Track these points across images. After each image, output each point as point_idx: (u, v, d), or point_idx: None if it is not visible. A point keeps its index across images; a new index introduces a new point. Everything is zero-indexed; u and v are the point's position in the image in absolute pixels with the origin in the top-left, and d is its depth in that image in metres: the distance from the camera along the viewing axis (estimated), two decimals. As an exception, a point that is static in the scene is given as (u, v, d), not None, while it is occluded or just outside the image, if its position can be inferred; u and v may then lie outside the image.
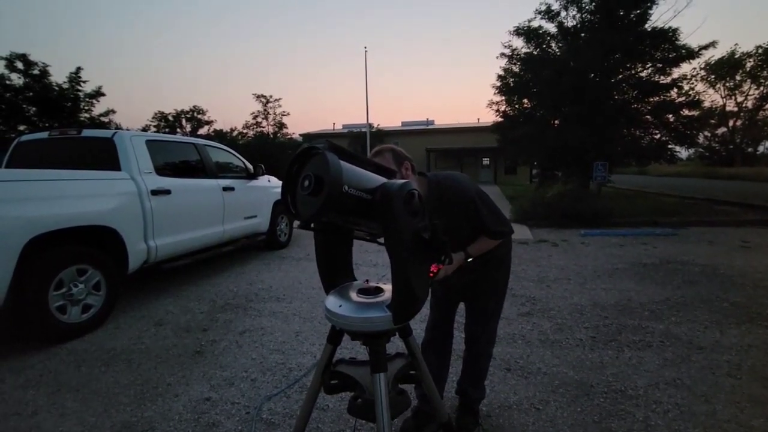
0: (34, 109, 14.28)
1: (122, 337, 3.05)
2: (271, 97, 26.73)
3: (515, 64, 12.49)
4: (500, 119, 13.82)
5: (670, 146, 10.93)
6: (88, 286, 3.13)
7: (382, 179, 1.18)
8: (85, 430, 1.94)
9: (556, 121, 12.25)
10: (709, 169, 27.73)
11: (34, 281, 2.73)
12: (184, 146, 4.63)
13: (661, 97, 10.54)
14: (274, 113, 26.54)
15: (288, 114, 29.00)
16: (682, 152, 12.52)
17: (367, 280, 1.36)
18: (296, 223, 1.15)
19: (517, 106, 13.24)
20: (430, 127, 29.80)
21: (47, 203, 2.84)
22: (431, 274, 1.36)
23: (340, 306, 1.20)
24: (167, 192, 3.89)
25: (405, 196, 1.09)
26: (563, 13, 11.38)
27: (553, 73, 10.46)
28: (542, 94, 11.56)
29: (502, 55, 12.46)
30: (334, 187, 0.99)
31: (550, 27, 11.63)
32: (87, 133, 3.89)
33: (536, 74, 11.39)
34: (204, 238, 4.40)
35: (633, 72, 10.94)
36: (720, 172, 25.99)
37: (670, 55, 10.19)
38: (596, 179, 9.25)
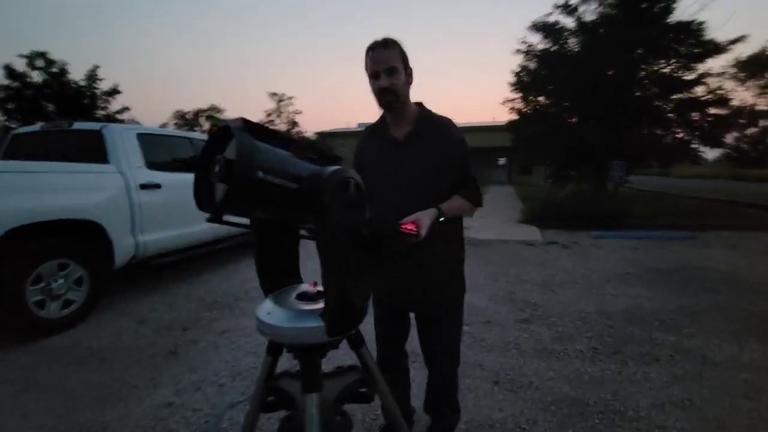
0: (52, 106, 14.62)
1: (102, 334, 2.96)
2: (284, 95, 26.89)
3: (531, 60, 12.13)
4: (515, 117, 13.45)
5: (693, 146, 10.41)
6: (69, 282, 3.06)
7: (313, 166, 1.00)
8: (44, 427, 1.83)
9: (573, 119, 11.85)
10: (737, 171, 26.53)
11: (9, 275, 2.67)
12: (178, 140, 4.55)
13: (685, 94, 10.03)
14: (287, 111, 26.67)
15: (300, 112, 29.11)
16: (708, 153, 11.90)
17: (315, 283, 1.19)
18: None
19: (532, 103, 12.85)
20: (445, 125, 29.40)
21: (25, 195, 2.77)
22: (414, 231, 1.17)
23: (269, 313, 1.04)
24: (157, 186, 3.80)
25: (337, 185, 0.92)
26: (582, 8, 10.98)
27: (570, 69, 10.09)
28: (558, 91, 11.19)
29: (518, 51, 12.11)
30: (243, 171, 0.82)
31: (569, 22, 11.24)
32: (78, 125, 3.83)
33: (552, 70, 11.02)
34: (196, 235, 4.30)
35: (656, 68, 10.47)
36: (748, 173, 24.82)
37: (696, 50, 9.68)
38: (613, 179, 8.85)
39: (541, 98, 12.38)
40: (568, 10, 11.04)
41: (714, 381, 2.21)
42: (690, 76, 9.83)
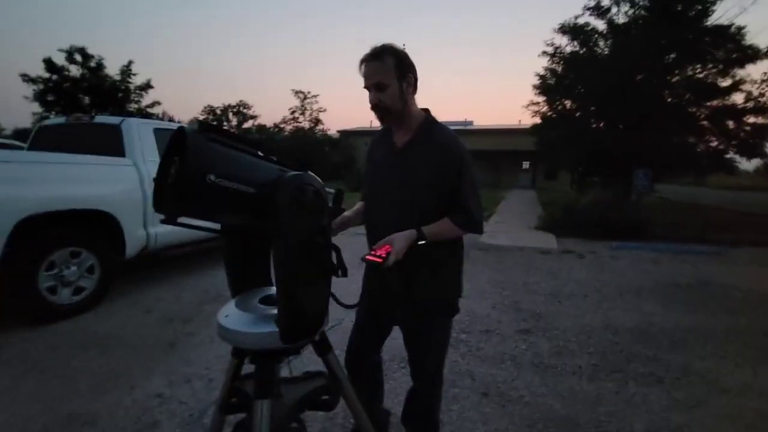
0: (88, 99, 15.31)
1: (108, 321, 3.07)
2: (308, 93, 27.22)
3: (558, 63, 11.83)
4: (538, 121, 13.15)
5: (729, 156, 9.89)
6: (81, 269, 3.19)
7: (278, 170, 0.99)
8: (30, 417, 1.91)
9: (600, 124, 11.48)
10: (779, 183, 24.99)
11: (24, 260, 2.80)
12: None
13: (721, 101, 9.54)
14: (311, 109, 26.98)
15: (324, 110, 29.40)
16: (744, 163, 11.27)
17: None
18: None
19: (557, 107, 12.53)
20: (468, 127, 29.03)
21: (40, 185, 2.90)
22: (380, 259, 1.14)
23: (227, 316, 1.04)
24: (171, 180, 3.90)
25: (293, 191, 0.91)
26: (614, 9, 10.62)
27: (598, 73, 9.77)
28: (585, 94, 10.87)
29: (544, 53, 11.85)
30: (190, 174, 0.82)
31: (599, 24, 10.90)
32: (99, 119, 3.99)
33: (580, 73, 10.72)
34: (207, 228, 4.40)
35: (690, 73, 10.00)
36: (792, 186, 23.34)
37: (734, 56, 9.19)
38: (637, 188, 8.51)
39: (566, 102, 12.05)
40: (600, 11, 10.71)
41: (720, 408, 2.08)
42: (726, 83, 9.33)
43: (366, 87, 1.27)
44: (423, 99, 1.38)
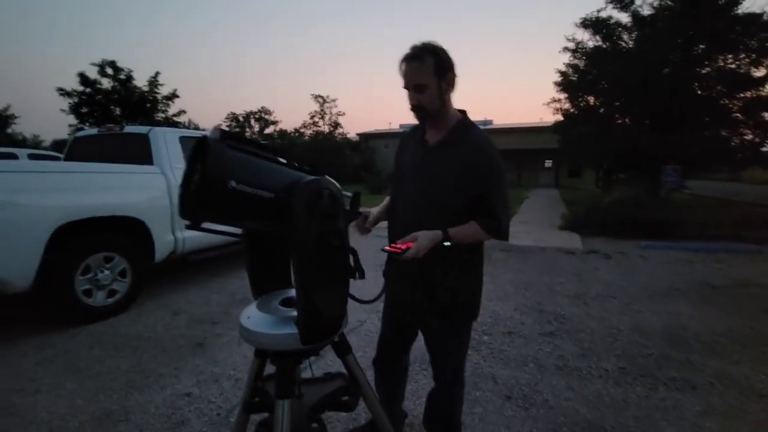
0: (119, 110, 15.98)
1: (139, 323, 3.20)
2: (327, 97, 27.56)
3: (580, 58, 11.54)
4: (560, 118, 12.86)
5: (765, 148, 9.40)
6: (114, 273, 3.33)
7: (297, 176, 1.02)
8: (69, 414, 2.02)
9: (626, 119, 11.13)
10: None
11: (61, 266, 2.95)
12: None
13: (756, 92, 9.09)
14: (330, 113, 27.29)
15: (343, 114, 29.68)
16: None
17: None
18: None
19: (580, 103, 12.22)
20: (488, 126, 28.71)
21: (76, 194, 3.05)
22: (398, 249, 1.16)
23: (249, 318, 1.07)
24: (196, 186, 4.03)
25: (309, 195, 0.94)
26: (638, 1, 10.29)
27: (622, 67, 9.47)
28: (609, 89, 10.55)
29: (566, 49, 11.59)
30: (212, 181, 0.86)
31: (622, 17, 10.58)
32: (128, 129, 4.17)
33: (603, 68, 10.42)
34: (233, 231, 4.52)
35: (723, 64, 9.57)
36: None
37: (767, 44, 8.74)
38: (666, 185, 8.19)
39: (590, 98, 11.74)
40: (623, 4, 10.40)
41: (756, 415, 1.98)
42: (760, 73, 8.88)
43: (405, 87, 1.28)
44: None
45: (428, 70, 1.23)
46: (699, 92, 9.72)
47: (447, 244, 1.24)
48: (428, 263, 1.27)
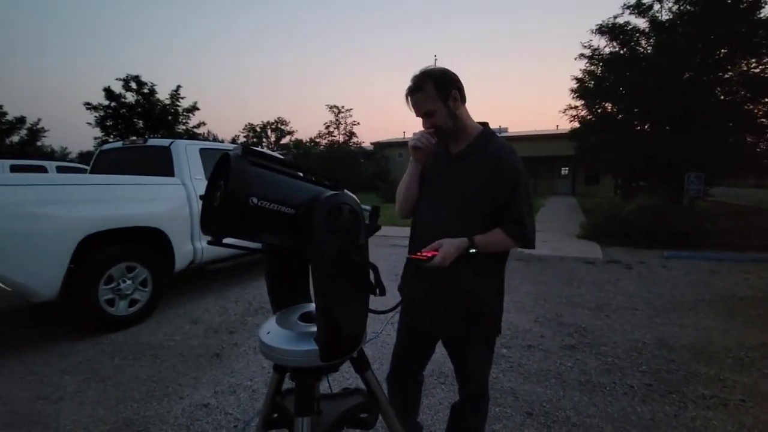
0: (142, 122, 16.51)
1: (159, 332, 3.25)
2: (342, 107, 27.92)
3: (596, 65, 11.43)
4: (577, 125, 12.71)
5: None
6: (136, 282, 3.40)
7: (317, 190, 1.03)
8: (91, 423, 2.05)
9: (646, 126, 10.92)
10: None
11: (86, 275, 3.03)
12: (236, 154, 4.89)
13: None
14: (345, 122, 27.59)
15: (358, 123, 29.99)
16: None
17: None
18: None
19: (598, 110, 12.05)
20: (503, 134, 28.53)
21: (100, 205, 3.14)
22: (424, 257, 1.17)
23: (268, 333, 1.07)
24: (215, 197, 4.11)
25: (328, 210, 0.94)
26: (656, 6, 10.16)
27: (641, 73, 9.33)
28: (627, 96, 10.39)
29: (582, 56, 11.50)
30: (234, 198, 0.87)
31: (640, 22, 10.46)
32: (151, 142, 4.29)
33: (620, 75, 10.28)
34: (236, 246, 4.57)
35: (746, 68, 9.32)
36: None
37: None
38: (689, 193, 7.96)
39: (607, 104, 11.58)
40: (640, 9, 10.28)
41: (796, 437, 1.88)
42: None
43: (417, 116, 1.34)
44: None
45: (431, 96, 1.28)
46: (722, 97, 9.48)
47: (473, 251, 1.25)
48: (453, 270, 1.26)
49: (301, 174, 1.06)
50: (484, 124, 1.41)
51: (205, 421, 2.05)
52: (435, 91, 1.28)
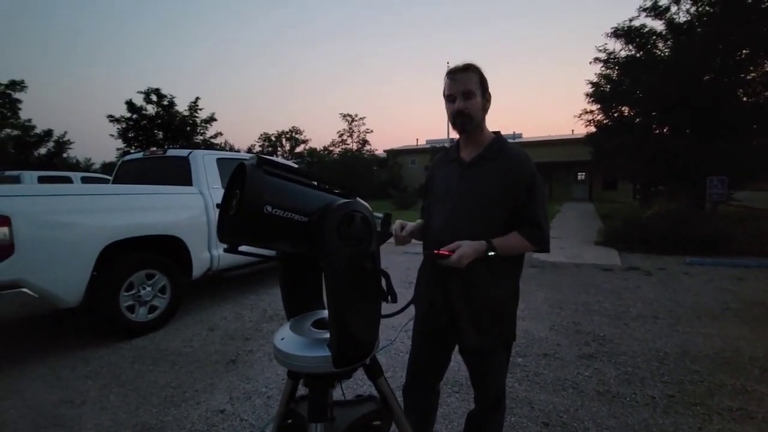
0: (162, 133, 17.00)
1: (177, 338, 3.31)
2: (356, 115, 28.19)
3: (612, 68, 11.27)
4: (593, 129, 12.52)
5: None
6: (155, 289, 3.49)
7: (330, 199, 1.05)
8: (112, 426, 2.10)
9: (665, 129, 10.68)
10: None
11: (108, 282, 3.12)
12: (252, 163, 4.99)
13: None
14: (358, 131, 27.82)
15: (371, 131, 30.21)
16: None
17: None
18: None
19: (614, 114, 11.86)
20: (517, 140, 28.28)
21: (122, 214, 3.24)
22: (441, 255, 1.19)
23: (282, 339, 1.09)
24: (231, 206, 4.19)
25: (340, 218, 0.95)
26: (673, 8, 9.99)
27: (658, 76, 9.16)
28: (645, 99, 10.20)
29: (597, 60, 11.36)
30: (248, 206, 0.90)
31: (657, 25, 10.29)
32: (170, 152, 4.41)
33: (637, 78, 10.11)
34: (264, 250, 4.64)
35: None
36: None
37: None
38: (711, 197, 7.74)
39: (623, 108, 11.39)
40: (657, 12, 10.12)
41: (830, 453, 1.79)
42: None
43: (450, 95, 1.36)
44: None
45: (476, 81, 1.34)
46: (744, 99, 9.22)
47: (491, 253, 1.26)
48: (472, 274, 1.28)
49: (315, 183, 1.08)
50: (497, 133, 1.45)
51: (221, 427, 2.08)
52: (479, 80, 1.35)
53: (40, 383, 2.57)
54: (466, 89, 1.32)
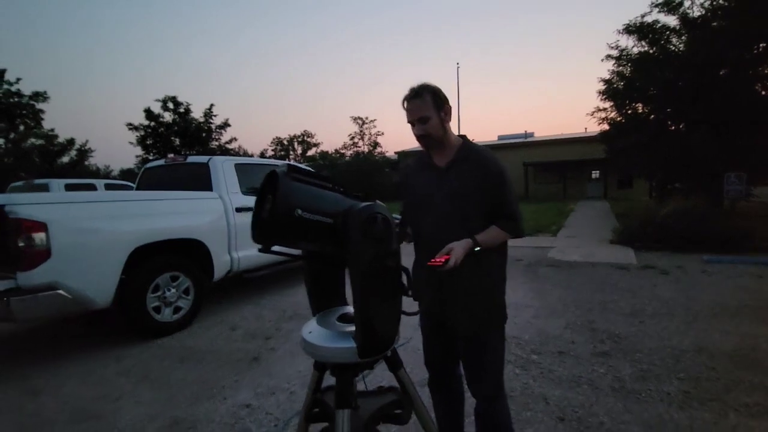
0: (178, 140, 17.42)
1: (201, 337, 3.45)
2: (366, 118, 28.34)
3: (625, 65, 11.15)
4: (606, 127, 12.39)
5: None
6: (179, 291, 3.63)
7: (350, 202, 1.14)
8: (146, 419, 2.23)
9: (680, 126, 10.52)
10: None
11: (135, 284, 3.27)
12: (269, 168, 5.12)
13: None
14: (370, 133, 27.97)
15: (382, 134, 30.34)
16: None
17: None
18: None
19: (628, 111, 11.72)
20: (529, 139, 28.03)
21: (148, 219, 3.40)
22: (440, 263, 1.27)
23: (310, 332, 1.18)
24: (250, 209, 4.32)
25: (364, 220, 1.04)
26: (687, 3, 9.84)
27: (673, 72, 9.04)
28: (659, 96, 10.06)
29: (609, 57, 11.25)
30: (282, 210, 0.99)
31: (670, 20, 10.15)
32: (191, 159, 4.58)
33: (651, 74, 9.98)
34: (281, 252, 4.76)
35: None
36: None
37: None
38: (729, 194, 7.60)
39: (637, 105, 11.25)
40: (670, 7, 9.99)
41: None
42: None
43: (410, 122, 1.48)
44: (483, 115, 1.50)
45: (428, 104, 1.43)
46: (763, 93, 9.03)
47: (477, 249, 1.39)
48: (462, 266, 1.36)
49: (338, 188, 1.18)
50: (463, 137, 1.56)
51: (248, 420, 2.18)
52: (432, 101, 1.43)
53: (76, 380, 2.73)
54: (421, 115, 1.43)
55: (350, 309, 1.30)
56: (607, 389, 2.38)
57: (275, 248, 1.12)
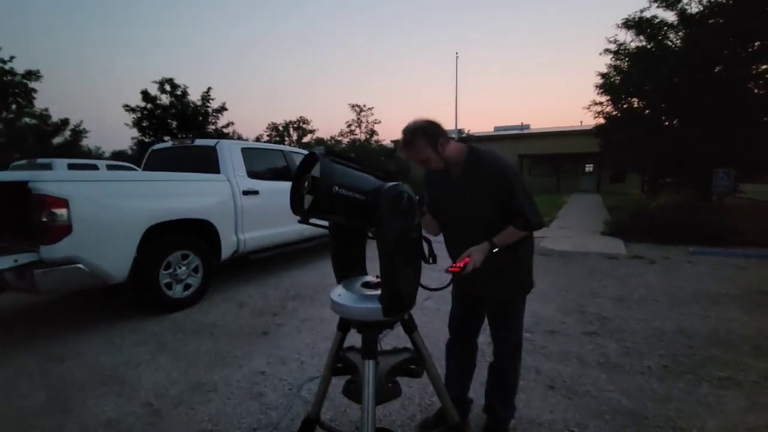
0: (175, 123, 17.28)
1: (211, 313, 3.61)
2: (364, 106, 28.22)
3: (622, 59, 11.29)
4: (602, 121, 12.58)
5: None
6: (189, 269, 3.78)
7: (378, 182, 1.29)
8: (168, 383, 2.40)
9: (674, 121, 10.73)
10: None
11: (149, 262, 3.40)
12: (273, 153, 5.24)
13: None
14: (367, 121, 27.90)
15: (379, 122, 30.24)
16: None
17: (376, 276, 1.47)
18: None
19: (624, 106, 11.90)
20: (525, 131, 28.18)
21: (162, 199, 3.52)
22: (458, 269, 1.44)
23: (339, 295, 1.35)
24: (256, 192, 4.46)
25: (392, 197, 1.20)
26: (685, -1, 9.95)
27: (669, 68, 9.20)
28: (655, 91, 10.24)
29: (607, 51, 11.37)
30: (324, 187, 1.14)
31: (668, 15, 10.27)
32: (198, 142, 4.67)
33: (648, 69, 10.14)
34: (286, 234, 4.90)
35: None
36: None
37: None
38: (717, 189, 7.86)
39: (633, 100, 11.42)
40: (669, 2, 10.10)
41: (804, 412, 2.02)
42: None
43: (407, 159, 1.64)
44: (479, 106, 1.67)
45: (422, 147, 1.54)
46: (756, 91, 9.24)
47: (495, 250, 1.56)
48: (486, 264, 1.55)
49: (367, 169, 1.33)
50: (467, 143, 1.68)
51: (263, 385, 2.36)
52: (426, 143, 1.54)
53: (97, 348, 2.88)
54: (417, 159, 1.57)
55: (370, 278, 1.46)
56: (594, 363, 2.59)
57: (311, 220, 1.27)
